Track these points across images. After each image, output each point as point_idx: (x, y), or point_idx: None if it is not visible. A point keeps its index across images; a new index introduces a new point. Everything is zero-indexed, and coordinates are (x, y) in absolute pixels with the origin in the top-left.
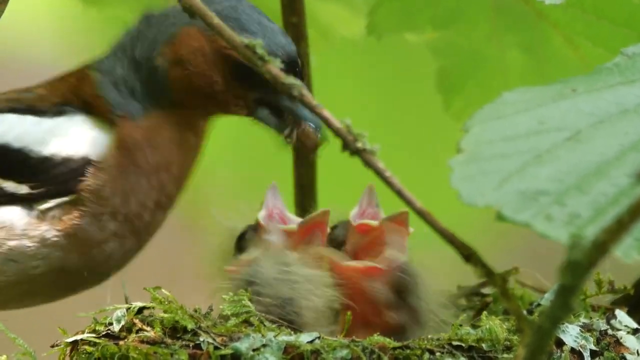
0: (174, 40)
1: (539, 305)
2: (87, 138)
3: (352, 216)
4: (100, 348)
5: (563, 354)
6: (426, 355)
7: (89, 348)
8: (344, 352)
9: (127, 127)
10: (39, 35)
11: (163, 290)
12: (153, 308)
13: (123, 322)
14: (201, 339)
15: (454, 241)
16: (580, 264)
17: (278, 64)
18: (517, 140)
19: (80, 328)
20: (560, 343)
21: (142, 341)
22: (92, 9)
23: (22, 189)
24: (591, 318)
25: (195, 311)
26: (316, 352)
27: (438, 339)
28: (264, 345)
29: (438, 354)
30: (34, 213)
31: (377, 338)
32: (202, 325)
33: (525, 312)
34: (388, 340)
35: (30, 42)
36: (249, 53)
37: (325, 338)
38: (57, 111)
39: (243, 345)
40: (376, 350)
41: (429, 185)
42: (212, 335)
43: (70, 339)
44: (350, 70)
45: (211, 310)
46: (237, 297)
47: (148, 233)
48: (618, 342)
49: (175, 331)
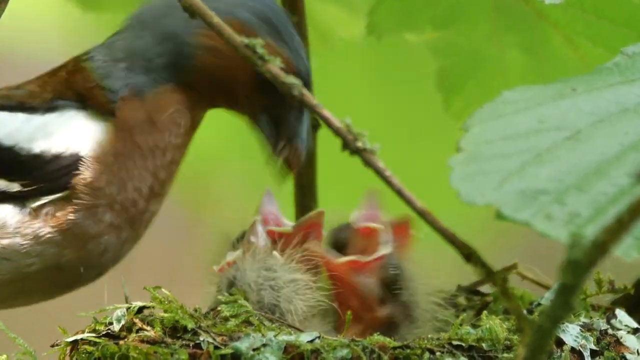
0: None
1: (539, 304)
2: (79, 132)
3: (354, 219)
4: (100, 348)
5: (563, 354)
6: (426, 354)
7: (89, 347)
8: (344, 352)
9: (130, 107)
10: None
11: (163, 289)
12: (153, 308)
13: (123, 322)
14: (201, 339)
15: (454, 241)
16: (580, 264)
17: (278, 63)
18: (517, 139)
19: (80, 328)
20: (560, 342)
21: (142, 341)
22: (91, 14)
23: (14, 187)
24: (591, 317)
25: (195, 311)
26: (316, 352)
27: (438, 339)
28: (264, 344)
29: (438, 354)
30: (27, 210)
31: (377, 337)
32: (202, 324)
33: (525, 312)
34: (388, 339)
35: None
36: (249, 52)
37: (325, 337)
38: (48, 107)
39: (243, 344)
40: (376, 349)
41: (429, 184)
42: (212, 334)
43: (70, 339)
44: (350, 69)
45: (211, 310)
46: (233, 297)
47: (143, 222)
48: (618, 342)
49: (175, 331)
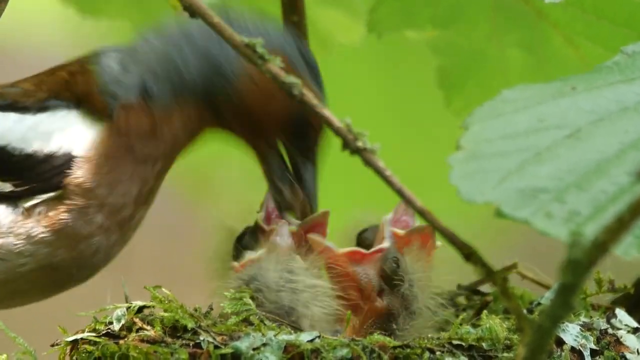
0: None
1: (539, 304)
2: (72, 132)
3: (385, 221)
4: (100, 347)
5: (563, 353)
6: (426, 354)
7: (89, 347)
8: (344, 351)
9: (131, 113)
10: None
11: (163, 289)
12: (153, 307)
13: (123, 321)
14: (201, 338)
15: (455, 240)
16: (580, 263)
17: (278, 63)
18: (517, 138)
19: (80, 327)
20: (560, 342)
21: (142, 340)
22: (90, 19)
23: (6, 187)
24: (591, 317)
25: (195, 310)
26: (316, 351)
27: (438, 338)
28: (264, 344)
29: (438, 353)
30: (19, 210)
31: (378, 337)
32: (202, 324)
33: (525, 311)
34: (388, 339)
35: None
36: (249, 52)
37: (325, 337)
38: (40, 107)
39: (243, 344)
40: (376, 349)
41: (429, 184)
42: (212, 334)
43: (70, 338)
44: (350, 69)
45: (211, 309)
46: (239, 295)
47: (131, 227)
48: (618, 341)
49: (175, 330)
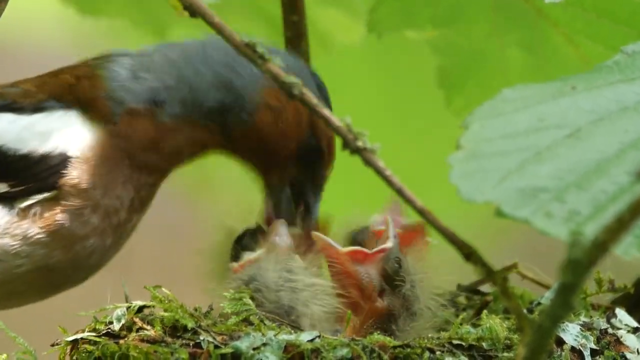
0: (279, 89)
1: (539, 304)
2: (69, 133)
3: (373, 222)
4: (100, 347)
5: (563, 353)
6: (426, 354)
7: (89, 347)
8: (344, 351)
9: (137, 121)
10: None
11: (163, 289)
12: (153, 307)
13: (123, 321)
14: (201, 338)
15: (455, 240)
16: (580, 263)
17: (278, 62)
18: (517, 137)
19: (80, 327)
20: (560, 342)
21: (143, 340)
22: (89, 18)
23: (2, 188)
24: (591, 317)
25: (195, 310)
26: (316, 351)
27: (438, 338)
28: (264, 344)
29: (438, 353)
30: (15, 211)
31: (378, 337)
32: (202, 324)
33: (525, 311)
34: (388, 339)
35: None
36: (249, 52)
37: (325, 337)
38: (36, 107)
39: (243, 344)
40: (376, 349)
41: (429, 184)
42: (213, 334)
43: (70, 338)
44: (350, 69)
45: (211, 309)
46: (238, 295)
47: (125, 232)
48: (618, 341)
49: (175, 330)
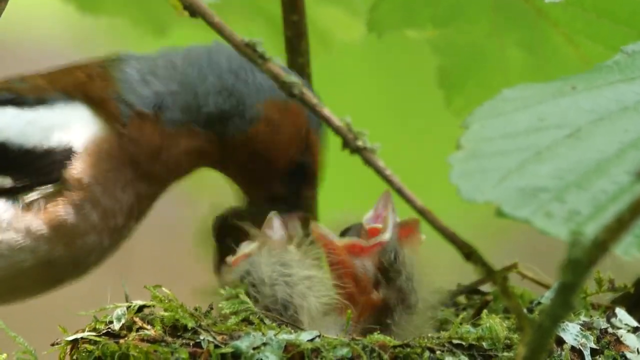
0: (287, 106)
1: (539, 303)
2: (74, 127)
3: (366, 219)
4: (100, 346)
5: (563, 353)
6: (426, 353)
7: (90, 346)
8: (344, 351)
9: (146, 125)
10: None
11: (163, 288)
12: (153, 306)
13: (123, 321)
14: (201, 338)
15: (455, 239)
16: (580, 263)
17: (278, 62)
18: (517, 137)
19: (80, 326)
20: (560, 341)
21: (143, 339)
22: (89, 17)
23: (6, 182)
24: (591, 316)
25: (195, 309)
26: (316, 351)
27: (438, 337)
28: (265, 343)
29: (438, 353)
30: (19, 205)
31: (378, 336)
32: (203, 323)
33: (525, 311)
34: (388, 338)
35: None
36: (249, 51)
37: (325, 336)
38: (39, 101)
39: (243, 343)
40: (376, 348)
41: (429, 183)
42: (213, 333)
43: (70, 338)
44: (350, 68)
45: (211, 308)
46: (235, 291)
47: (121, 237)
48: (618, 341)
49: (175, 329)
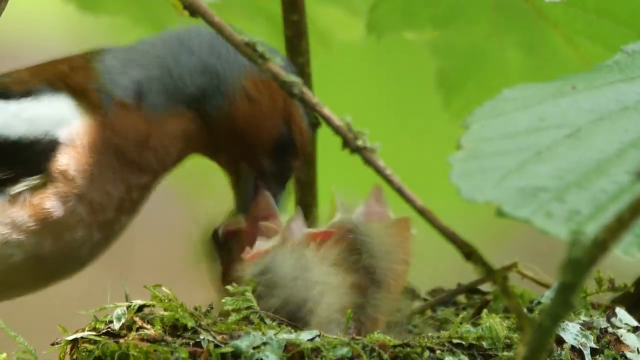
0: (262, 78)
1: (539, 303)
2: (59, 119)
3: (358, 214)
4: (100, 346)
5: (563, 352)
6: (426, 353)
7: (90, 346)
8: (344, 350)
9: (128, 114)
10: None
11: (163, 288)
12: (153, 306)
13: (123, 320)
14: (201, 337)
15: (455, 239)
16: (580, 262)
17: (278, 62)
18: (517, 137)
19: (80, 326)
20: (560, 341)
21: (143, 339)
22: (89, 16)
23: None
24: (591, 316)
25: (195, 309)
26: (316, 350)
27: (438, 337)
28: (265, 343)
29: (438, 352)
30: (5, 198)
31: (378, 336)
32: (203, 323)
33: (525, 310)
34: (388, 338)
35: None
36: (249, 51)
37: (325, 336)
38: (24, 93)
39: (243, 343)
40: (376, 348)
41: (429, 183)
42: (213, 333)
43: (70, 337)
44: (350, 68)
45: (212, 308)
46: (241, 289)
47: (113, 232)
48: (618, 340)
49: (175, 329)
